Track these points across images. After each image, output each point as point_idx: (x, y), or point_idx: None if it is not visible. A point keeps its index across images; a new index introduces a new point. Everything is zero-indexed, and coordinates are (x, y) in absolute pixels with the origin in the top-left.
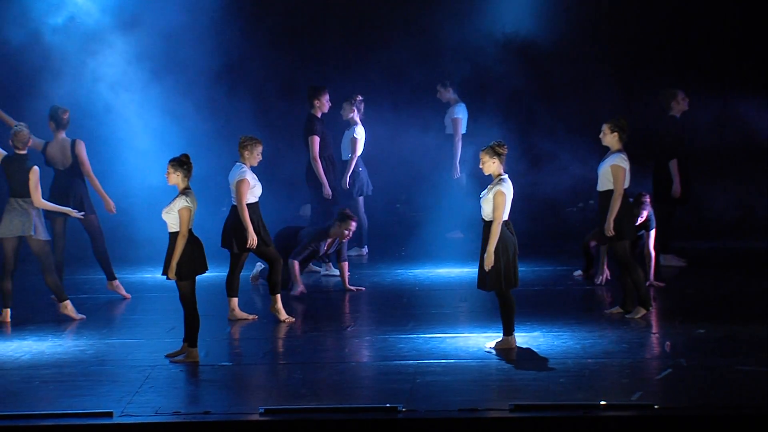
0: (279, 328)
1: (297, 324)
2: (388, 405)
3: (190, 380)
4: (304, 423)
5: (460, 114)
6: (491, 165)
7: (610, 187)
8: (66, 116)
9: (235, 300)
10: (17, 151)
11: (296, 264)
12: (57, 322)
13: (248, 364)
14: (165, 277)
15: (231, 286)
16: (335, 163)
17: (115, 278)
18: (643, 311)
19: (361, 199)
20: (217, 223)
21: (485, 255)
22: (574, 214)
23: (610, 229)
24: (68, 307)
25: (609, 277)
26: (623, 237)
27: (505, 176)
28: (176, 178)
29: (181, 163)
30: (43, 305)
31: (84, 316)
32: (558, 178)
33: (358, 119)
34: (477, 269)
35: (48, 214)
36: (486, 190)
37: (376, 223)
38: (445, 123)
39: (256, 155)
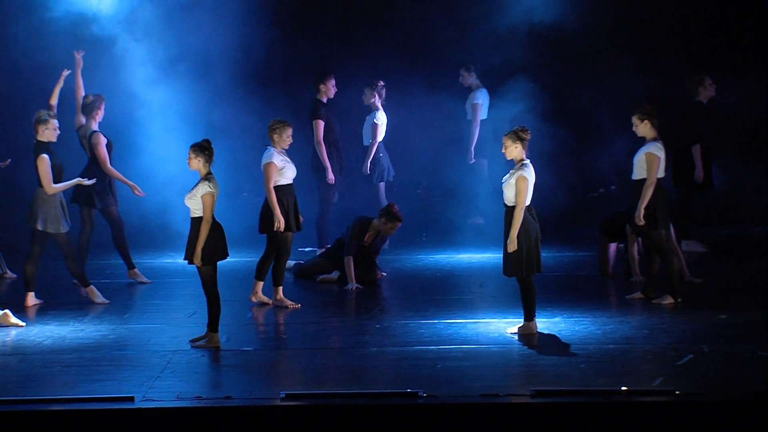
0: (300, 314)
1: (318, 310)
2: (408, 390)
3: (212, 365)
4: (324, 408)
5: (480, 99)
6: (514, 150)
7: (645, 175)
8: (88, 101)
9: (261, 284)
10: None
11: (350, 260)
12: (78, 307)
13: (269, 349)
14: (187, 262)
15: (260, 269)
16: (340, 149)
17: (134, 266)
18: (671, 300)
19: (382, 185)
20: (237, 211)
21: (508, 240)
22: (596, 200)
23: (640, 217)
24: (93, 292)
25: (640, 276)
26: (658, 226)
27: (527, 161)
28: (197, 164)
29: (203, 148)
30: (64, 290)
31: (108, 301)
32: (580, 163)
33: (379, 104)
34: (498, 255)
35: (77, 200)
36: (508, 176)
37: None
38: (465, 108)
39: (285, 138)
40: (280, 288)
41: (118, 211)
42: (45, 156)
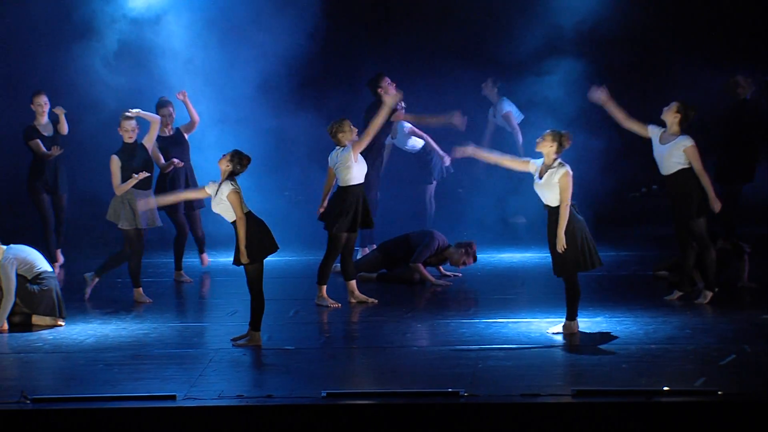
0: (342, 313)
1: (359, 309)
2: (449, 390)
3: (253, 364)
4: (365, 407)
5: (508, 107)
6: (549, 148)
7: (679, 167)
8: (161, 108)
9: (353, 283)
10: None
11: (420, 265)
12: (120, 306)
13: (311, 348)
14: (236, 265)
15: (344, 269)
16: (382, 149)
17: (181, 268)
18: (710, 294)
19: (431, 186)
20: (280, 209)
21: (557, 239)
22: (637, 200)
23: (714, 203)
24: (140, 294)
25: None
26: (702, 213)
27: (561, 160)
28: (226, 166)
29: (241, 159)
30: (108, 288)
31: (150, 300)
32: (621, 163)
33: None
34: (539, 254)
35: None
36: (544, 177)
37: (438, 208)
38: (494, 120)
39: (348, 131)
40: (324, 287)
41: (183, 215)
42: (114, 156)
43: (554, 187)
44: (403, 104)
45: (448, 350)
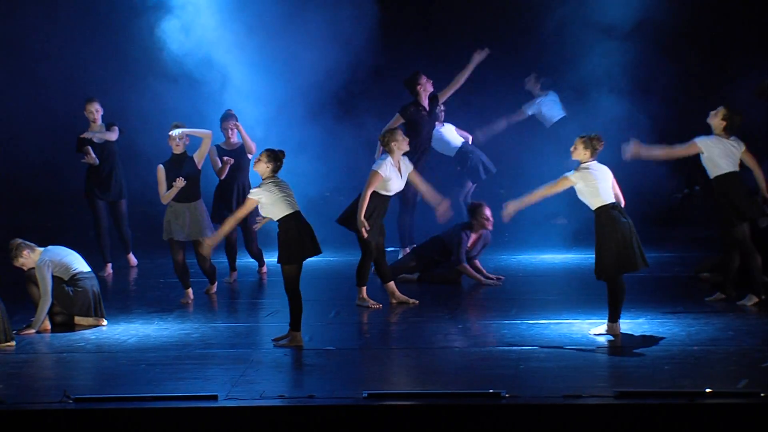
0: (383, 314)
1: (400, 310)
2: (491, 391)
3: (294, 364)
4: (406, 408)
5: (545, 105)
6: (583, 154)
7: (720, 172)
8: (224, 121)
9: (392, 283)
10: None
11: (465, 266)
12: (162, 306)
13: (352, 348)
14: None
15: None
16: (422, 151)
17: (235, 269)
18: (755, 299)
19: (470, 185)
20: (320, 211)
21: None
22: (681, 201)
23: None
24: (188, 295)
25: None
26: (744, 218)
27: (590, 163)
28: (263, 168)
29: (276, 157)
30: (149, 288)
31: (192, 299)
32: (664, 164)
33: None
34: (581, 255)
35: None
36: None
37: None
38: (534, 113)
39: (401, 141)
40: (364, 288)
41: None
42: (160, 166)
43: (584, 194)
44: (443, 107)
45: (489, 351)
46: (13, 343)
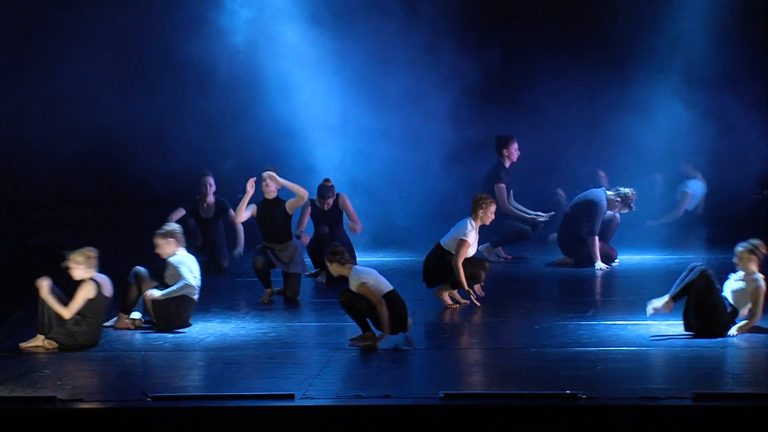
0: (460, 314)
1: (477, 310)
2: (568, 392)
3: (370, 364)
4: (483, 408)
5: (691, 189)
6: (751, 265)
7: None
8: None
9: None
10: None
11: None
12: (240, 305)
13: (428, 348)
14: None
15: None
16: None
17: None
18: None
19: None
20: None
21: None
22: (759, 202)
23: None
24: (269, 294)
25: None
26: None
27: (759, 276)
28: (336, 269)
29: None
30: (226, 288)
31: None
32: (743, 164)
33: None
34: (658, 256)
35: None
36: (739, 281)
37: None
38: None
39: (489, 214)
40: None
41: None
42: (253, 205)
43: (744, 293)
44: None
45: (566, 352)
46: (54, 345)
